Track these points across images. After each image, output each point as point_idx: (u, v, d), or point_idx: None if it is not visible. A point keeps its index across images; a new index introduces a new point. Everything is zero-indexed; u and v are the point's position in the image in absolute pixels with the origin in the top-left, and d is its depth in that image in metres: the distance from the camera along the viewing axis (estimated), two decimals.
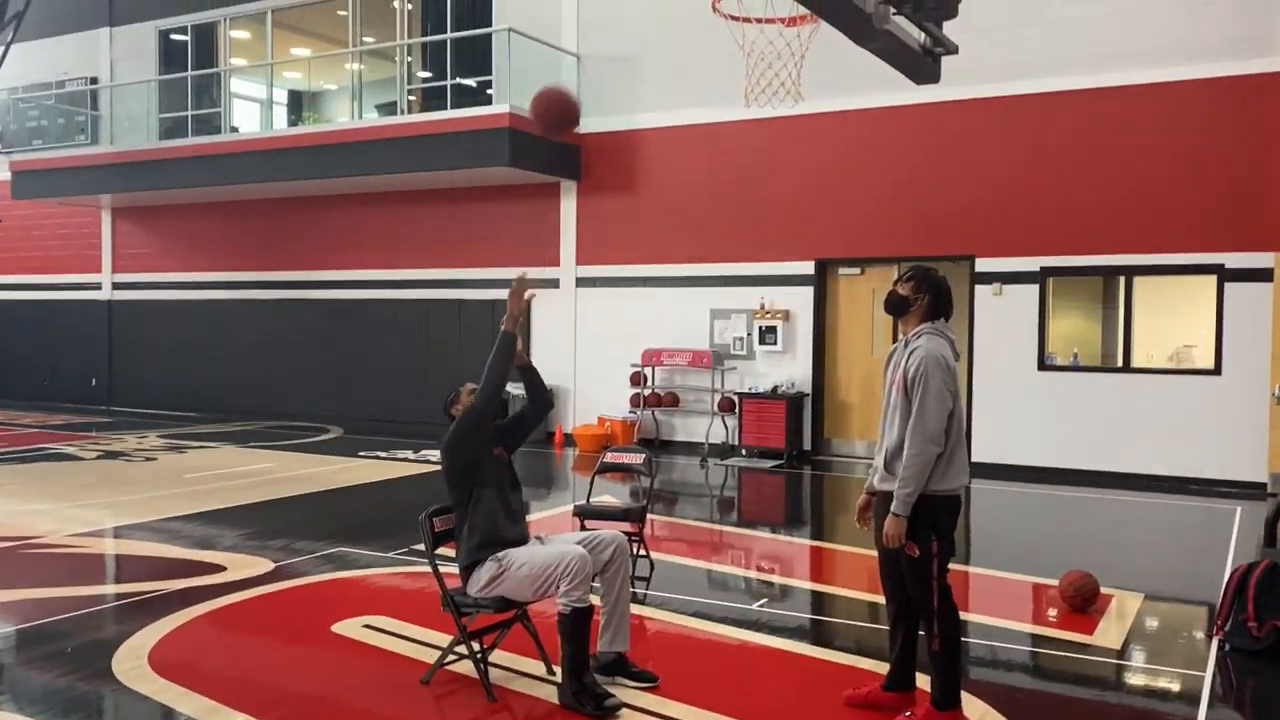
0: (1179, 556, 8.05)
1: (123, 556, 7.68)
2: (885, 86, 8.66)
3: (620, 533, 4.83)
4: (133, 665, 4.92)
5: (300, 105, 18.55)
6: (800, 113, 10.45)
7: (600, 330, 14.09)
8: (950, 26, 5.11)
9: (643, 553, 6.75)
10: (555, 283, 14.33)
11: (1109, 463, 11.15)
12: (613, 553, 4.63)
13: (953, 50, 5.44)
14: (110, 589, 6.72)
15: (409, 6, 15.75)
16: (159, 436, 14.39)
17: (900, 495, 4.13)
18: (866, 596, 6.30)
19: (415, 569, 6.84)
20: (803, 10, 6.03)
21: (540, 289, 14.32)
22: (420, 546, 5.06)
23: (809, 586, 7.12)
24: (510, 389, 12.97)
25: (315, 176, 14.72)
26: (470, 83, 15.21)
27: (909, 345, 4.30)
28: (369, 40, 16.44)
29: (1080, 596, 6.00)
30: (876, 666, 4.85)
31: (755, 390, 12.90)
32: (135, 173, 16.21)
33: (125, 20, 18.23)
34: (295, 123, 17.67)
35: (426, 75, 16.05)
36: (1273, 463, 10.23)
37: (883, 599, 4.54)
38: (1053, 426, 11.47)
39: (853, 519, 4.73)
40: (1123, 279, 11.42)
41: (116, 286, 18.66)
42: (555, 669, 4.65)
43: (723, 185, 13.23)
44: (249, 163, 15.13)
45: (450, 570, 4.72)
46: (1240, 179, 10.65)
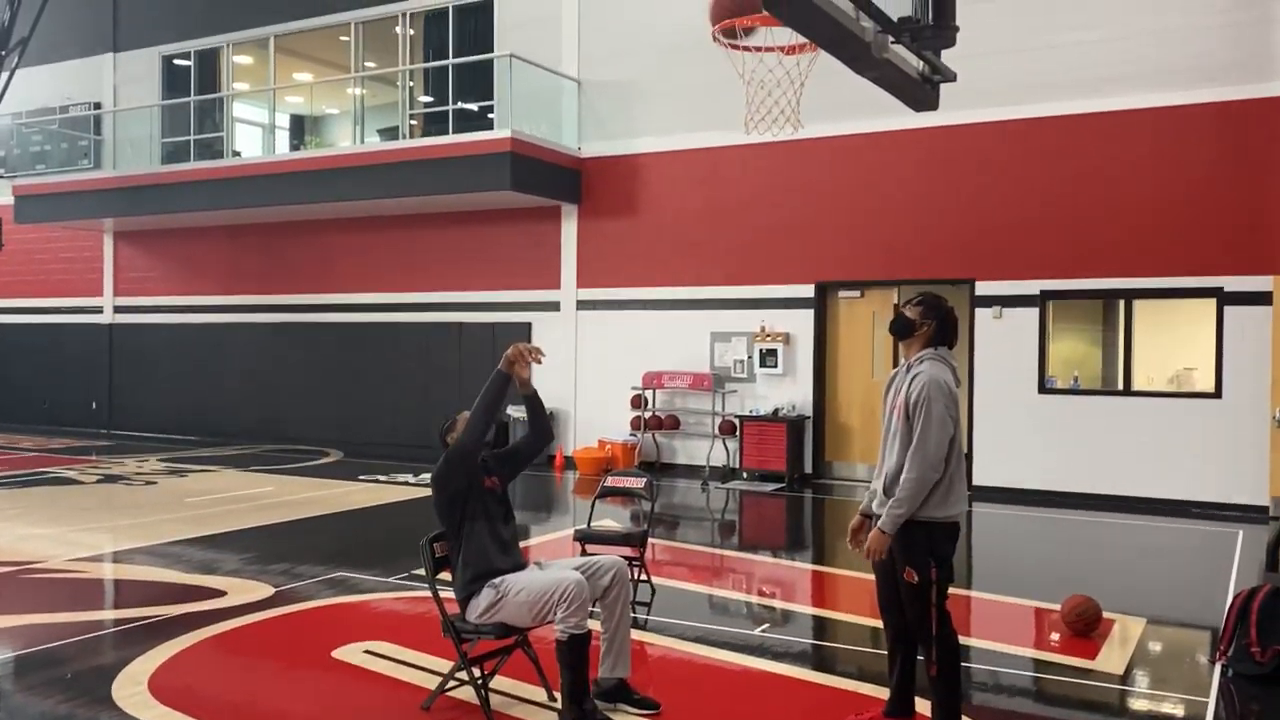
0: (1181, 580, 8.03)
1: (123, 581, 7.66)
2: (885, 111, 8.68)
3: (620, 558, 4.82)
4: (133, 691, 4.90)
5: (302, 130, 18.64)
6: (800, 137, 10.50)
7: (601, 353, 14.11)
8: (950, 51, 5.15)
9: (644, 577, 6.74)
10: (556, 306, 14.36)
11: (1109, 486, 11.14)
12: (612, 578, 4.62)
13: (951, 79, 5.48)
14: (110, 614, 6.70)
15: (411, 32, 15.87)
16: (159, 460, 14.38)
17: (890, 514, 4.12)
18: (868, 621, 6.27)
19: (416, 594, 6.81)
20: (802, 39, 6.07)
21: (541, 312, 14.38)
22: (421, 571, 5.05)
23: (811, 611, 7.11)
24: (511, 411, 13.09)
25: (317, 201, 14.81)
26: (472, 107, 15.31)
27: (911, 370, 4.29)
28: (371, 65, 16.57)
29: (1082, 621, 5.98)
30: (878, 692, 4.84)
31: (756, 413, 12.91)
32: (137, 197, 16.31)
33: (129, 46, 18.39)
34: (297, 147, 17.75)
35: (428, 100, 16.15)
36: (1274, 486, 10.23)
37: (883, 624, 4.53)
38: (1053, 450, 11.47)
39: None
40: (1123, 302, 11.46)
41: (118, 310, 18.71)
42: (556, 695, 4.64)
43: (723, 209, 13.29)
44: (251, 187, 15.21)
45: (451, 595, 4.71)
46: (1239, 202, 10.70)
